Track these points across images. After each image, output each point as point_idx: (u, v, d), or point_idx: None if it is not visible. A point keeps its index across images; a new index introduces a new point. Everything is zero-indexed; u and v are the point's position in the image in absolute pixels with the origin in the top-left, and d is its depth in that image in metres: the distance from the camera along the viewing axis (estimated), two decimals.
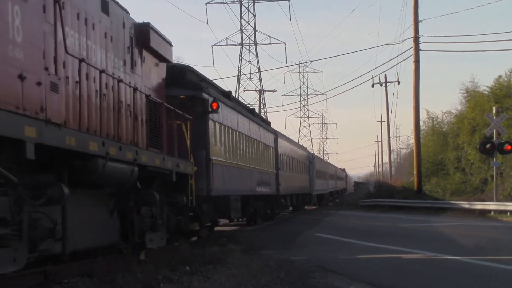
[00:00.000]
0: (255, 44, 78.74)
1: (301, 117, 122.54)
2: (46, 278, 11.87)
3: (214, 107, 19.83)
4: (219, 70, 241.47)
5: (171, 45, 16.42)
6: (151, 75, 15.10)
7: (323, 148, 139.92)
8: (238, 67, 79.13)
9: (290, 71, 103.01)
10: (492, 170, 38.18)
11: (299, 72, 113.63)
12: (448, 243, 18.86)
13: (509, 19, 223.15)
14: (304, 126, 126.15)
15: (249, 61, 78.82)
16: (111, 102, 12.23)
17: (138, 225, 13.69)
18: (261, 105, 75.41)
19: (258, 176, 28.56)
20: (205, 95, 19.74)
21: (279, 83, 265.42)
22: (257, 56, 78.82)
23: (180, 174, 15.62)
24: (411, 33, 45.07)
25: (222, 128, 21.93)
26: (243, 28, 78.38)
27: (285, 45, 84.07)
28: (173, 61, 17.53)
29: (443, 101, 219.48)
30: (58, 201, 9.63)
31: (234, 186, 23.51)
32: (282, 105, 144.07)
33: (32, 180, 9.29)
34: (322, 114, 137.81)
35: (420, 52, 44.56)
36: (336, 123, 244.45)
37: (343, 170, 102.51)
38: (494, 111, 37.13)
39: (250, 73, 78.66)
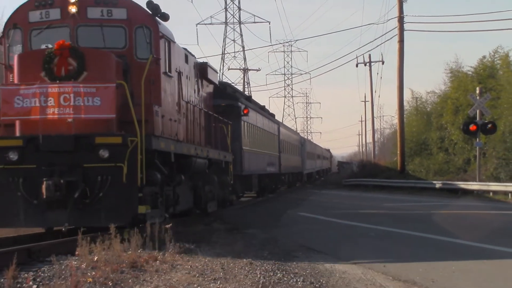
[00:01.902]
0: (240, 23, 78.47)
1: (285, 96, 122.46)
2: (29, 256, 11.86)
3: (245, 112, 28.01)
4: (203, 48, 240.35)
5: (217, 72, 23.56)
6: (205, 95, 21.24)
7: (307, 128, 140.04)
8: (223, 46, 78.91)
9: (274, 50, 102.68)
10: (475, 150, 38.35)
11: (283, 51, 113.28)
12: (429, 224, 19.01)
13: None
14: (288, 106, 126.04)
15: (234, 40, 78.58)
16: (194, 120, 18.85)
17: (204, 197, 20.16)
18: (245, 84, 75.30)
19: (268, 158, 36.21)
20: (239, 104, 27.43)
21: (264, 62, 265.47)
22: (241, 35, 78.59)
23: (225, 162, 22.75)
24: (395, 12, 45.06)
25: (248, 125, 29.66)
26: (227, 6, 78.06)
27: (269, 24, 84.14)
28: None
29: (428, 81, 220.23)
30: (180, 184, 16.85)
31: (255, 167, 31.30)
32: (266, 84, 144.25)
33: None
34: (306, 93, 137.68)
35: (404, 32, 44.62)
36: (320, 103, 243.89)
37: (328, 150, 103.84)
38: (477, 92, 37.24)
39: (235, 52, 78.50)
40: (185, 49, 18.50)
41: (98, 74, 13.80)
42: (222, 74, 73.43)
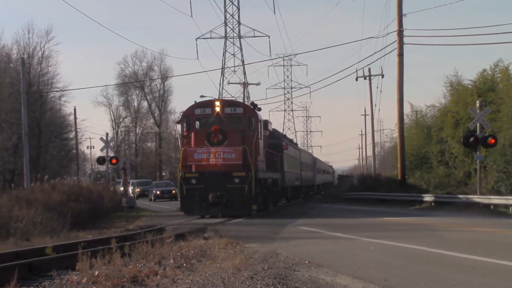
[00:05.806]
0: (239, 37, 78.78)
1: (285, 110, 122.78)
2: (30, 271, 11.86)
3: (286, 147, 42.43)
4: (203, 63, 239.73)
5: (271, 123, 37.03)
6: (265, 138, 34.21)
7: (307, 141, 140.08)
8: (222, 60, 79.33)
9: (274, 64, 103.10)
10: (475, 163, 38.27)
11: (283, 65, 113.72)
12: (434, 239, 18.96)
13: (492, 13, 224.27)
14: (288, 119, 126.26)
15: (233, 54, 78.87)
16: (265, 155, 33.49)
17: (267, 200, 34.13)
18: (245, 98, 75.35)
19: (295, 175, 49.42)
20: (282, 142, 41.73)
21: (263, 76, 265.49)
22: (241, 49, 78.97)
23: (278, 179, 37.36)
24: (395, 26, 45.05)
25: (286, 155, 42.78)
26: (227, 21, 78.40)
27: (269, 38, 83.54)
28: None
29: (427, 95, 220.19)
30: (262, 193, 31.88)
31: (289, 181, 44.67)
32: (266, 98, 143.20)
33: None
34: (306, 107, 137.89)
35: (404, 45, 44.63)
36: (320, 116, 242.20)
37: (331, 166, 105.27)
38: (477, 105, 37.22)
39: (234, 66, 78.83)
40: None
41: (232, 142, 29.57)
42: (222, 88, 73.59)
